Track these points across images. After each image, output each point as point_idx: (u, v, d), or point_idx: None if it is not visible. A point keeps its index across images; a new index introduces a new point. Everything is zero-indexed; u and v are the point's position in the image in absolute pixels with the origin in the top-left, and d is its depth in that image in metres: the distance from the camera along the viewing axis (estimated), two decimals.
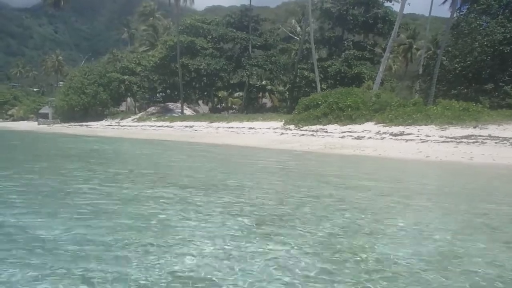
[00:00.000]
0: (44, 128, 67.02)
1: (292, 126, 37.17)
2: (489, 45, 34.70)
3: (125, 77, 67.93)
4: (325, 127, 33.91)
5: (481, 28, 37.50)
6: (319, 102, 37.09)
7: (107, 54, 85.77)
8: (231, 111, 65.63)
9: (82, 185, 10.23)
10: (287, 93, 59.85)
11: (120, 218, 6.67)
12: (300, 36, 58.28)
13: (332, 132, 32.14)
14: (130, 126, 58.04)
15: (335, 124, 33.55)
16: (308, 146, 27.41)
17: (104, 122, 64.88)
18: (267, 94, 68.51)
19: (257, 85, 64.55)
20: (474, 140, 22.99)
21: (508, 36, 33.74)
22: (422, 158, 20.31)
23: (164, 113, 62.93)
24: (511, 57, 34.52)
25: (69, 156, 19.94)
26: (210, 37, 63.99)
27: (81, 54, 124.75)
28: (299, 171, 16.08)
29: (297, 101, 42.63)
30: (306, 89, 52.30)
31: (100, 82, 68.88)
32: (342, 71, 51.50)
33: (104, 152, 24.31)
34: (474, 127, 24.73)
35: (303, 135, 33.87)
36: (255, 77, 61.49)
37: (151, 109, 68.11)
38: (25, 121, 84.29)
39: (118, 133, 48.93)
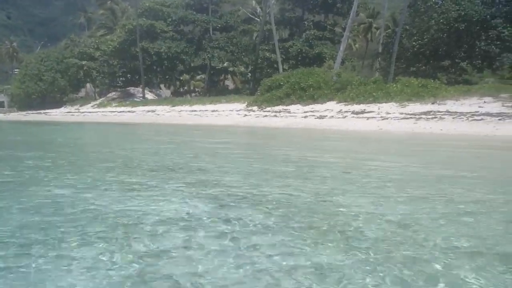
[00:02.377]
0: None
1: (255, 108, 37.27)
2: (444, 22, 35.46)
3: (84, 62, 66.24)
4: (288, 107, 34.14)
5: (436, 6, 38.25)
6: (281, 83, 37.26)
7: (64, 40, 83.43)
8: (193, 94, 65.22)
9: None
10: (250, 74, 59.80)
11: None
12: (260, 17, 58.08)
13: (295, 112, 32.41)
14: (90, 112, 56.87)
15: (298, 104, 33.81)
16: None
17: (63, 109, 63.36)
18: (229, 76, 68.29)
19: (219, 67, 64.19)
20: (433, 116, 23.64)
21: (463, 13, 34.53)
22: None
23: (125, 98, 61.87)
24: (466, 34, 35.40)
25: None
26: (170, 20, 63.09)
27: (37, 40, 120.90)
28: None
29: (259, 83, 42.75)
30: (268, 70, 52.41)
31: (58, 69, 67.11)
32: (303, 51, 51.74)
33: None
34: (433, 103, 25.37)
35: (266, 116, 34.06)
36: (216, 59, 61.10)
37: (112, 94, 66.84)
38: None
39: (82, 119, 48.03)
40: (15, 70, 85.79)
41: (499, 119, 20.72)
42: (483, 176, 8.72)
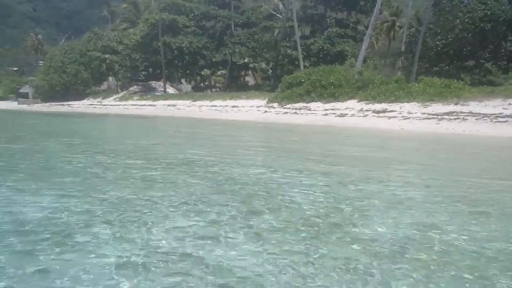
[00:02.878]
0: (24, 107, 66.06)
1: (275, 104, 37.21)
2: (470, 22, 34.95)
3: (107, 55, 66.90)
4: (308, 104, 34.02)
5: (462, 5, 37.73)
6: (302, 80, 37.10)
7: (88, 33, 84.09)
8: (214, 89, 65.36)
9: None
10: (270, 71, 59.66)
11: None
12: (282, 13, 57.87)
13: (315, 110, 32.29)
14: (112, 105, 57.48)
15: (318, 102, 33.66)
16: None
17: (85, 102, 64.11)
18: (250, 72, 68.22)
19: (240, 63, 64.19)
20: (456, 117, 23.34)
21: (489, 13, 33.98)
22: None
23: (147, 92, 62.33)
24: (492, 34, 34.84)
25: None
26: (192, 15, 63.26)
27: (61, 33, 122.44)
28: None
29: (280, 79, 42.59)
30: (289, 67, 52.17)
31: (81, 61, 67.87)
32: (325, 48, 51.48)
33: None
34: (456, 104, 25.02)
35: (286, 113, 34.01)
36: (237, 55, 61.13)
37: (133, 88, 67.30)
38: (5, 101, 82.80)
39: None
40: (40, 62, 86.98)
41: None
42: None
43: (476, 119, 22.24)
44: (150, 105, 51.43)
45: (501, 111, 22.22)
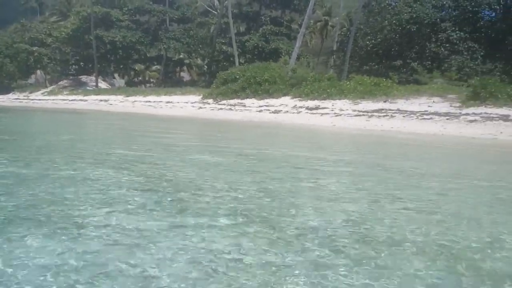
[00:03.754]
0: None
1: (210, 100, 37.24)
2: (397, 23, 36.46)
3: (34, 48, 64.26)
4: (243, 101, 34.27)
5: (390, 8, 39.28)
6: (237, 77, 37.32)
7: (14, 24, 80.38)
8: (148, 85, 64.41)
9: None
10: (206, 67, 59.60)
11: None
12: (218, 10, 57.88)
13: (250, 106, 32.59)
14: (40, 100, 55.32)
15: (253, 98, 33.97)
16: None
17: (11, 96, 61.37)
18: (185, 68, 67.78)
19: (175, 59, 63.70)
20: (385, 114, 24.34)
21: (414, 15, 35.60)
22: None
23: (78, 87, 60.42)
24: (417, 36, 36.54)
25: None
26: (125, 9, 62.14)
27: None
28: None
29: (215, 75, 42.66)
30: (225, 63, 52.35)
31: (6, 53, 64.71)
32: (260, 46, 52.01)
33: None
34: (384, 101, 26.08)
35: (221, 109, 34.12)
36: (172, 50, 60.64)
37: (63, 82, 65.05)
38: None
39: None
40: None
41: (447, 119, 21.57)
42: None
43: (404, 116, 23.30)
44: (81, 100, 49.97)
45: (426, 108, 23.41)
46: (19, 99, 58.09)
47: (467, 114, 21.53)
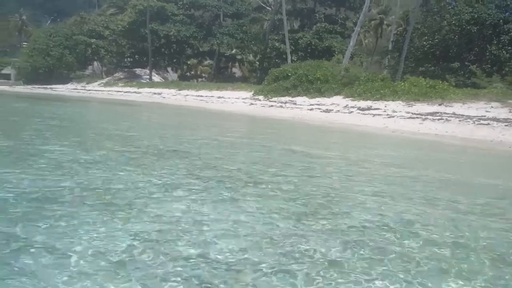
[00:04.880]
0: (5, 89, 65.03)
1: (261, 97, 37.25)
2: (457, 24, 35.21)
3: (92, 40, 66.29)
4: (294, 99, 34.12)
5: (449, 7, 38.01)
6: (289, 74, 37.19)
7: (74, 16, 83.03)
8: (200, 79, 65.16)
9: None
10: (258, 63, 59.65)
11: None
12: (272, 6, 57.93)
13: (301, 104, 32.39)
14: (96, 90, 57.03)
15: (304, 97, 33.76)
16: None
17: (69, 86, 63.56)
18: (237, 63, 68.13)
19: (227, 54, 64.12)
20: (439, 117, 23.59)
21: (476, 16, 34.28)
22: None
23: (132, 79, 61.96)
24: (478, 37, 35.19)
25: None
26: (181, 3, 62.98)
27: (46, 15, 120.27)
28: None
29: (267, 72, 42.63)
30: (277, 60, 52.21)
31: (66, 45, 67.21)
32: (313, 43, 51.55)
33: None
34: (440, 105, 25.28)
35: (272, 106, 34.05)
36: (225, 45, 61.01)
37: (119, 74, 66.92)
38: None
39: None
40: (23, 43, 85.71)
41: (506, 125, 20.69)
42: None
43: (459, 121, 22.50)
44: (135, 92, 51.12)
45: (484, 113, 22.52)
46: (77, 89, 60.06)
47: None
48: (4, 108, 25.90)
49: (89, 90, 58.26)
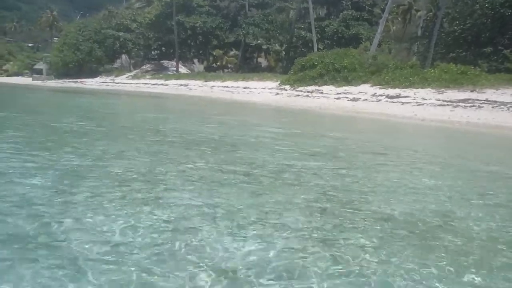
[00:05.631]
0: (38, 83, 66.28)
1: (287, 87, 36.84)
2: (490, 7, 34.02)
3: (120, 34, 66.87)
4: (320, 88, 33.61)
5: None
6: (316, 63, 36.63)
7: (103, 10, 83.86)
8: (226, 70, 64.96)
9: None
10: (284, 53, 59.08)
11: None
12: None
13: (327, 93, 31.89)
14: (124, 83, 57.58)
15: (331, 86, 33.21)
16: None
17: (98, 79, 64.27)
18: (263, 53, 67.60)
19: (253, 44, 63.64)
20: (471, 104, 22.81)
21: None
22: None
23: (159, 71, 62.26)
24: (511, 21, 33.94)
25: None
26: None
27: (76, 10, 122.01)
28: None
29: (293, 61, 42.14)
30: (303, 49, 51.50)
31: (95, 39, 67.79)
32: (340, 31, 50.77)
33: None
34: (472, 91, 24.44)
35: (298, 95, 33.64)
36: (251, 36, 60.56)
37: (146, 66, 67.26)
38: (20, 77, 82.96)
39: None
40: (55, 38, 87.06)
41: None
42: None
43: (492, 107, 21.70)
44: (162, 84, 51.38)
45: None
46: (106, 82, 60.73)
47: None
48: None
49: (118, 83, 58.85)
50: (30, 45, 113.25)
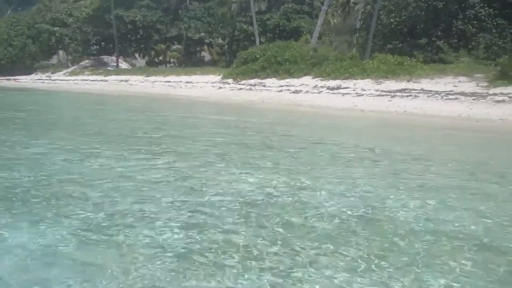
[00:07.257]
0: None
1: (230, 80, 36.77)
2: (423, 0, 35.16)
3: (56, 28, 64.43)
4: (263, 81, 33.75)
5: None
6: (258, 56, 36.73)
7: (36, 5, 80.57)
8: (169, 65, 64.08)
9: None
10: (226, 46, 58.89)
11: None
12: None
13: (270, 86, 32.06)
14: (61, 80, 55.62)
15: (273, 78, 33.40)
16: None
17: (33, 76, 61.84)
18: (205, 47, 67.08)
19: (195, 38, 63.03)
20: (408, 94, 23.56)
21: None
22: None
23: (99, 67, 60.44)
24: (444, 13, 35.17)
25: None
26: None
27: (7, 4, 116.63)
28: None
29: (236, 55, 42.09)
30: (245, 42, 51.44)
31: (29, 34, 65.04)
32: (281, 24, 51.06)
33: None
34: (408, 81, 25.24)
35: (241, 89, 33.66)
36: (193, 30, 59.98)
37: (85, 62, 65.13)
38: None
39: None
40: None
41: (473, 99, 20.73)
42: None
43: (428, 96, 22.49)
44: (101, 80, 50.03)
45: (452, 88, 22.54)
46: (41, 79, 58.52)
47: (494, 94, 20.64)
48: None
49: (54, 80, 56.79)
50: None
